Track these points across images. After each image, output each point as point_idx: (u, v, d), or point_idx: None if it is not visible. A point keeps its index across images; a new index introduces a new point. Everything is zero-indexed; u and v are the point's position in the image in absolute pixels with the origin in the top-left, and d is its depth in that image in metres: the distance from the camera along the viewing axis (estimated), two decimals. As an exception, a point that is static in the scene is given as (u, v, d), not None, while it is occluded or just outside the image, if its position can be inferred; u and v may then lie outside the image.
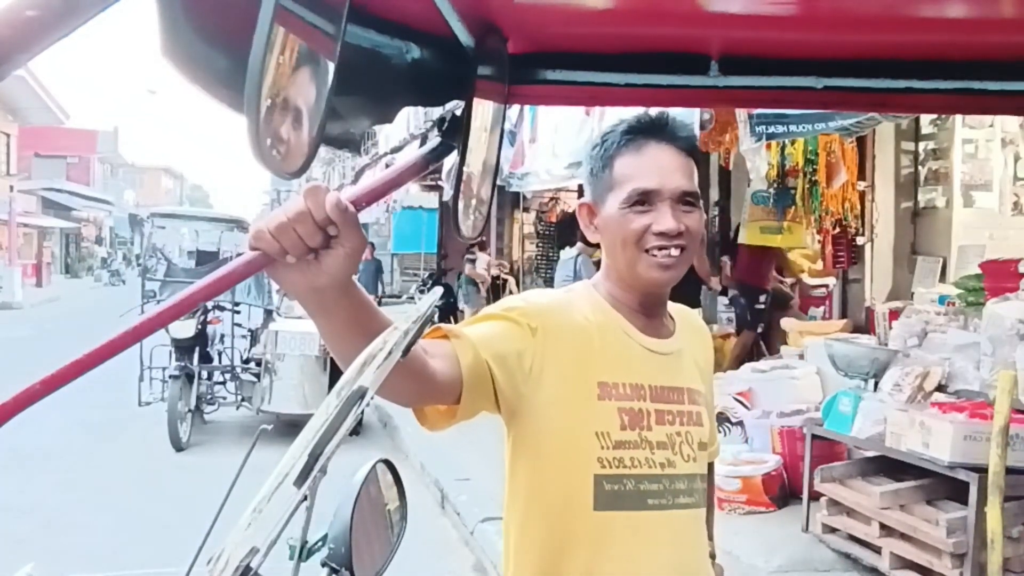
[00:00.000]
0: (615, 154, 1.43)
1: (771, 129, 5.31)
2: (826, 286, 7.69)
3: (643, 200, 1.39)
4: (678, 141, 1.44)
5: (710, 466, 1.66)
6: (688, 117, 5.50)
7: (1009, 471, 3.51)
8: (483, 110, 1.27)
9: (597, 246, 1.54)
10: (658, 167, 1.40)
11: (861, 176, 6.86)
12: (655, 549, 1.41)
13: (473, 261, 12.51)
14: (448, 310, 12.20)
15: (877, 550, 4.30)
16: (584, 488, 1.37)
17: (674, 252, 1.39)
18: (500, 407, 1.36)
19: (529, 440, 1.40)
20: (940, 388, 4.74)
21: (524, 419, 1.39)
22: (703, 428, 1.49)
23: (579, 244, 8.90)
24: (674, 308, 1.56)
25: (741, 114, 5.37)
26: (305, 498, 0.77)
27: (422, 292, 13.56)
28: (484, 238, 13.85)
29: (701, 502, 1.48)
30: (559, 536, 1.40)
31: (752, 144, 5.44)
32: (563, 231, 13.18)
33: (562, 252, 9.58)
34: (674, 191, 1.40)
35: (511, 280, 13.36)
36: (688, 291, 7.08)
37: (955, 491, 4.07)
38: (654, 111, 1.49)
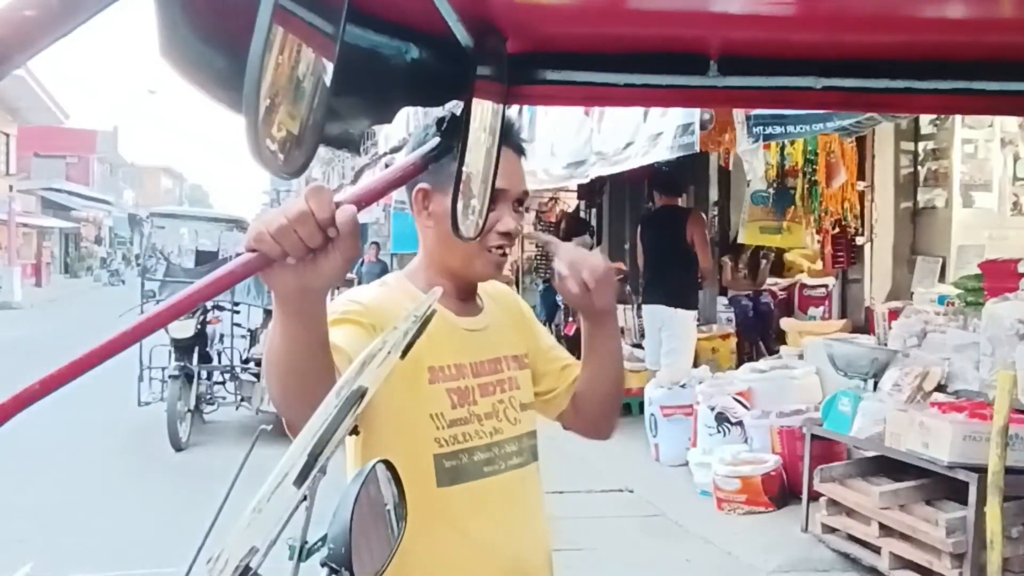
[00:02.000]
0: None
1: (768, 130, 5.31)
2: (825, 286, 7.69)
3: (492, 198, 1.46)
4: (517, 147, 1.56)
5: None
6: (688, 117, 5.52)
7: (1008, 471, 3.52)
8: (482, 110, 1.27)
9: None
10: (508, 168, 1.48)
11: (860, 176, 6.86)
12: (491, 512, 1.52)
13: None
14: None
15: (876, 550, 4.30)
16: (426, 468, 1.45)
17: (507, 251, 1.53)
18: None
19: (372, 432, 1.46)
20: (940, 388, 4.74)
21: (366, 413, 1.42)
22: (520, 391, 1.60)
23: (572, 244, 8.89)
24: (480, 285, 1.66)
25: (739, 115, 5.37)
26: (305, 498, 0.77)
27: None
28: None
29: (531, 458, 1.60)
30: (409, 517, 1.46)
31: (749, 145, 5.44)
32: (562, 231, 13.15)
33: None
34: (517, 193, 1.53)
35: (512, 280, 13.34)
36: (686, 290, 7.06)
37: (954, 491, 4.07)
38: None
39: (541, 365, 1.69)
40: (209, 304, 8.28)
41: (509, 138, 1.52)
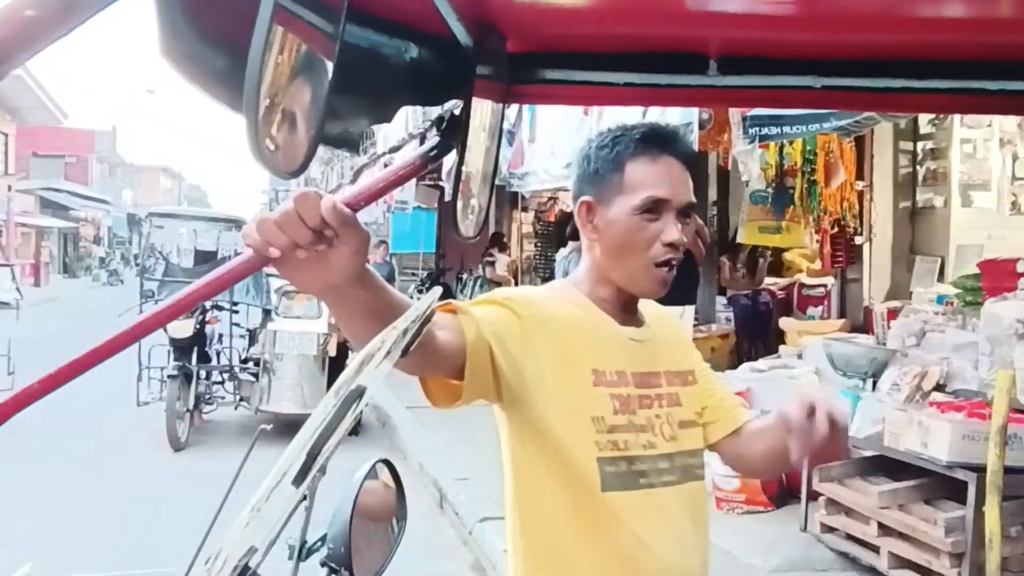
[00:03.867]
0: (628, 158, 1.46)
1: (764, 131, 5.30)
2: (824, 286, 7.70)
3: (654, 208, 1.44)
4: (684, 155, 1.49)
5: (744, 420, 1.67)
6: (687, 117, 5.51)
7: (1007, 470, 3.51)
8: (482, 109, 1.27)
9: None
10: (671, 178, 1.46)
11: (859, 176, 6.87)
12: (653, 524, 1.48)
13: (492, 263, 12.33)
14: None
15: (875, 549, 4.30)
16: (590, 471, 1.42)
17: (674, 264, 1.46)
18: (500, 392, 1.39)
19: (533, 427, 1.44)
20: (938, 388, 4.74)
21: (527, 405, 1.42)
22: (682, 408, 1.55)
23: (570, 244, 8.90)
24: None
25: (734, 116, 5.36)
26: (304, 498, 0.76)
27: (421, 292, 13.52)
28: (506, 238, 13.80)
29: (686, 478, 1.53)
30: (570, 520, 1.44)
31: (745, 146, 5.42)
32: (561, 231, 13.16)
33: (559, 253, 9.61)
34: (681, 203, 1.46)
35: (510, 280, 13.32)
36: (685, 290, 7.05)
37: (953, 491, 4.07)
38: (661, 122, 1.52)
39: (705, 396, 1.64)
40: (208, 304, 8.27)
41: (676, 147, 1.49)
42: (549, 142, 8.18)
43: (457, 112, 1.19)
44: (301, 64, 0.81)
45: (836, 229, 7.02)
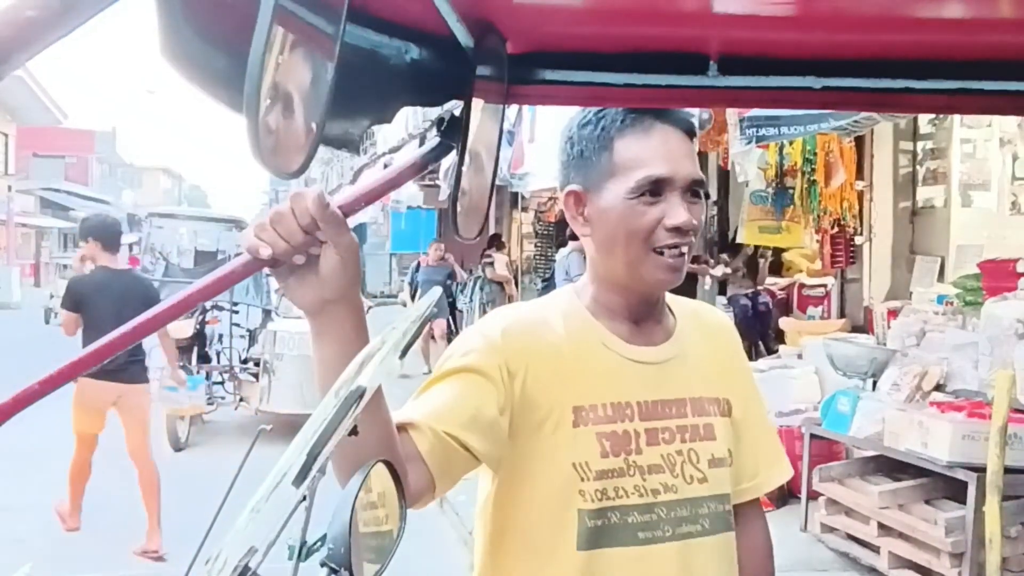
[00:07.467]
0: (616, 135, 1.26)
1: (762, 132, 5.32)
2: (824, 286, 7.70)
3: (654, 189, 1.23)
4: (682, 124, 1.29)
5: (752, 506, 1.42)
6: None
7: (1007, 470, 3.52)
8: (482, 110, 1.27)
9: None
10: (668, 152, 1.24)
11: (859, 176, 6.87)
12: None
13: (492, 264, 12.36)
14: (447, 310, 12.14)
15: (876, 549, 4.30)
16: (567, 526, 1.22)
17: (683, 249, 1.25)
18: (483, 462, 1.22)
19: (508, 478, 1.26)
20: (938, 388, 4.74)
21: (504, 462, 1.25)
22: (715, 442, 1.30)
23: (571, 243, 8.91)
24: (683, 306, 1.41)
25: (732, 117, 5.37)
26: (304, 498, 0.77)
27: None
28: (503, 238, 13.79)
29: (716, 528, 1.28)
30: None
31: (742, 147, 5.43)
32: (561, 231, 13.16)
33: (559, 253, 9.61)
34: (686, 179, 1.24)
35: (511, 278, 13.33)
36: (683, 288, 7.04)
37: (953, 490, 4.07)
38: None
39: (740, 443, 1.36)
40: (208, 304, 8.27)
41: (672, 114, 1.27)
42: (549, 142, 8.18)
43: (457, 112, 1.19)
44: (301, 64, 0.81)
45: (836, 229, 7.03)
